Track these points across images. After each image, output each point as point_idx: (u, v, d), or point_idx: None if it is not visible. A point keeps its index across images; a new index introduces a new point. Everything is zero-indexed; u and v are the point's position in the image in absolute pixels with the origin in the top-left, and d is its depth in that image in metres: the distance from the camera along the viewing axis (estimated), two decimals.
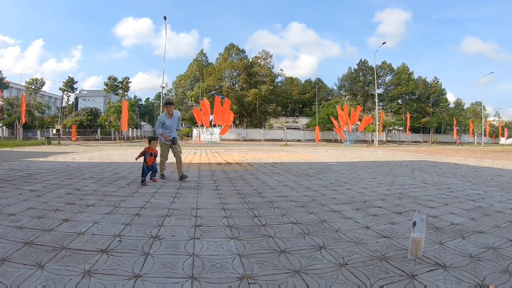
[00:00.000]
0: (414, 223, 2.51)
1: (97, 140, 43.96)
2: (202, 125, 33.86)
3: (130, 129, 51.48)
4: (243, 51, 58.63)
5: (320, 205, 4.52)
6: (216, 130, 35.07)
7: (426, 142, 60.25)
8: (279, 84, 62.49)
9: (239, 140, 47.99)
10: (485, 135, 57.54)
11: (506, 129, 68.35)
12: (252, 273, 2.22)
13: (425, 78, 67.20)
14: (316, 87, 65.62)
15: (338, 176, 7.98)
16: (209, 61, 62.44)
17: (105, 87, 60.25)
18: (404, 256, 2.57)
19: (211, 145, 29.24)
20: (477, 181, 7.27)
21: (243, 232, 3.15)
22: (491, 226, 3.50)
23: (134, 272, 2.18)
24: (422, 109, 63.83)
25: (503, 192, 5.78)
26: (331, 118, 44.97)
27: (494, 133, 68.68)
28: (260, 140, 49.59)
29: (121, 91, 60.02)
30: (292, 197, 5.08)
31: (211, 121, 34.35)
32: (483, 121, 58.04)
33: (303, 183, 6.63)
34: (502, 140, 67.59)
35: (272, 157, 14.40)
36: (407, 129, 52.71)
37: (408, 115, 53.07)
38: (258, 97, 53.34)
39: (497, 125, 70.61)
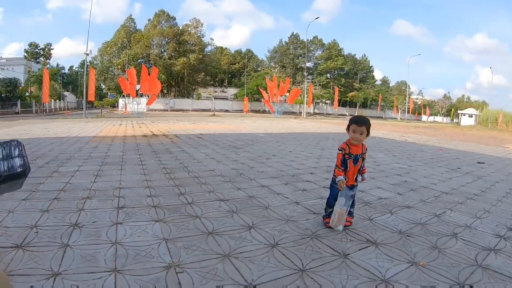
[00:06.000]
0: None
1: (17, 113, 39.36)
2: (129, 95, 31.99)
3: (52, 100, 46.81)
4: (173, 18, 55.29)
5: (248, 179, 4.51)
6: (143, 100, 33.28)
7: (352, 115, 63.23)
8: (209, 53, 60.79)
9: (167, 110, 45.81)
10: (408, 112, 62.30)
11: (427, 107, 74.89)
12: (180, 260, 2.11)
13: (355, 55, 69.62)
14: (246, 57, 65.18)
15: (266, 148, 8.11)
16: (137, 28, 57.95)
17: (26, 55, 53.68)
18: (335, 234, 2.62)
19: (137, 116, 27.76)
20: (401, 156, 7.82)
21: (169, 212, 3.01)
22: (417, 201, 3.74)
23: (53, 269, 1.93)
24: (350, 84, 66.24)
25: (427, 167, 6.27)
26: (260, 89, 45.08)
27: (417, 111, 74.90)
28: (188, 110, 47.90)
29: (42, 59, 53.84)
30: (219, 170, 5.03)
31: (137, 91, 32.68)
32: (407, 98, 62.81)
33: (230, 155, 6.62)
34: (424, 118, 73.87)
35: (199, 128, 14.26)
36: (335, 103, 54.65)
37: (336, 89, 54.91)
38: (186, 66, 51.20)
39: (419, 103, 76.99)
